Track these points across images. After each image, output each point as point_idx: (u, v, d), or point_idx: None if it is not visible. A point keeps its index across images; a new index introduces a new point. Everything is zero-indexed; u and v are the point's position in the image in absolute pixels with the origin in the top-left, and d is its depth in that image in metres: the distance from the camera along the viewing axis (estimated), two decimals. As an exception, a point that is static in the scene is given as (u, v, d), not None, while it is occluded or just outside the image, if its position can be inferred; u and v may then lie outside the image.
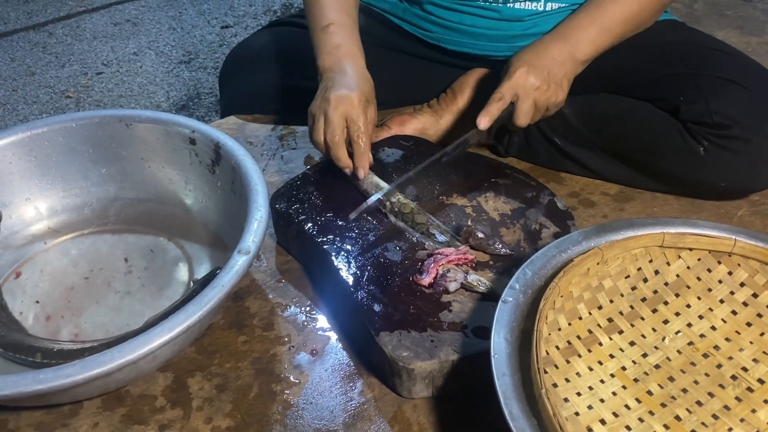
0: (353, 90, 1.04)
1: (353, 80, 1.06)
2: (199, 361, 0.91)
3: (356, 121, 1.03)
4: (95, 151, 1.11)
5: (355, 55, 1.12)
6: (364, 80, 1.08)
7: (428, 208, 1.05)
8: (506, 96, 1.07)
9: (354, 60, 1.11)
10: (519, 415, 0.66)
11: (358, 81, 1.06)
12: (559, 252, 0.86)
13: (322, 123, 1.05)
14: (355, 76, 1.07)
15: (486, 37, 1.26)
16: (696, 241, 0.87)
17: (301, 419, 0.83)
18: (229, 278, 0.81)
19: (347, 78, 1.06)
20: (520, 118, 1.09)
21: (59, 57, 2.78)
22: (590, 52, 1.12)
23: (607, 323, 0.85)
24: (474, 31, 1.26)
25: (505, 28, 1.24)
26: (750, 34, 1.91)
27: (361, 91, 1.05)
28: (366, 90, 1.06)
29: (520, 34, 1.24)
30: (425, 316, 0.87)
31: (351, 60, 1.10)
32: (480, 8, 1.23)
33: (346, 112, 1.03)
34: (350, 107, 1.03)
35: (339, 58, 1.10)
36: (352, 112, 1.03)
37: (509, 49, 1.25)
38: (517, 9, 1.22)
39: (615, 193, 1.21)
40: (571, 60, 1.10)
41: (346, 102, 1.03)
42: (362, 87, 1.06)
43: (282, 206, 1.05)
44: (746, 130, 1.06)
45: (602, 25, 1.11)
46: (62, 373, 0.71)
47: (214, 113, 2.38)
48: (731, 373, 0.81)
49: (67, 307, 0.98)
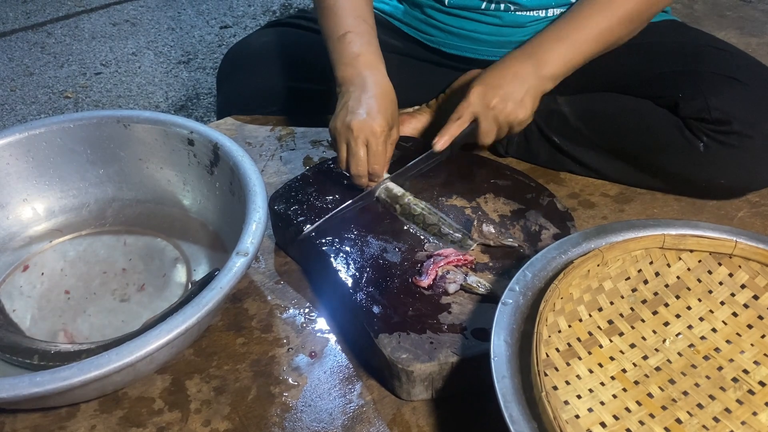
0: (375, 116, 1.01)
1: (375, 101, 1.02)
2: (198, 363, 0.90)
3: (376, 152, 1.02)
4: (93, 152, 1.10)
5: (376, 66, 1.08)
6: (386, 99, 1.04)
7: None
8: (464, 115, 1.08)
9: (375, 71, 1.07)
10: (519, 418, 0.66)
11: (380, 102, 1.02)
12: (559, 254, 0.86)
13: (345, 153, 1.03)
14: (377, 94, 1.03)
15: (487, 42, 1.26)
16: (697, 242, 0.87)
17: (299, 422, 0.83)
18: (228, 280, 0.80)
19: (368, 96, 1.03)
20: (483, 137, 1.10)
21: (58, 57, 2.77)
22: (558, 67, 1.10)
23: (608, 325, 0.84)
24: (475, 36, 1.26)
25: (506, 34, 1.23)
26: (750, 35, 1.91)
27: (384, 117, 1.01)
28: (388, 112, 1.03)
29: (522, 40, 1.23)
30: (424, 318, 0.87)
31: (371, 71, 1.07)
32: (481, 13, 1.23)
33: (367, 141, 1.01)
34: (372, 137, 1.01)
35: (359, 69, 1.07)
36: (374, 143, 1.01)
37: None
38: (519, 15, 1.21)
39: (615, 194, 1.20)
40: (536, 76, 1.09)
41: (367, 131, 1.00)
42: (384, 110, 1.02)
43: (281, 207, 1.05)
44: (745, 126, 1.06)
45: (570, 43, 1.09)
46: (59, 376, 0.70)
47: (212, 114, 2.38)
48: (732, 375, 0.80)
49: (65, 308, 0.98)
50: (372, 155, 1.02)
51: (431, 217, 1.01)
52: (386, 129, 1.02)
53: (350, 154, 1.02)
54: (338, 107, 1.05)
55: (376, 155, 1.02)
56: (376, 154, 1.02)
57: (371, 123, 1.00)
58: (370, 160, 1.02)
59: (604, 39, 1.11)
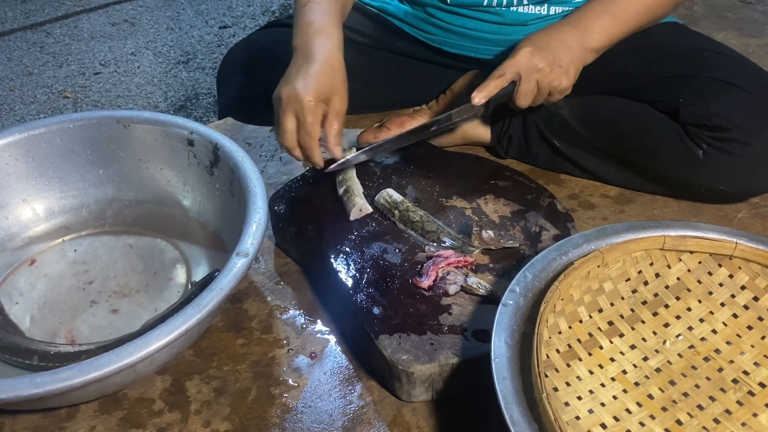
0: (306, 85, 0.97)
1: (313, 68, 0.99)
2: (198, 364, 0.90)
3: (303, 124, 0.99)
4: (93, 153, 1.10)
5: (327, 33, 1.04)
6: (327, 69, 1.00)
7: (428, 210, 1.04)
8: (507, 74, 1.06)
9: (324, 38, 1.03)
10: (520, 420, 0.66)
11: (319, 70, 0.99)
12: (560, 255, 0.86)
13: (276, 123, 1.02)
14: (318, 61, 1.00)
15: (488, 41, 1.25)
16: (697, 243, 0.87)
17: (299, 423, 0.83)
18: (228, 281, 0.80)
19: (309, 66, 1.00)
20: (520, 99, 1.07)
21: (57, 57, 2.77)
22: (602, 40, 1.09)
23: (608, 326, 0.84)
24: (476, 34, 1.26)
25: (507, 33, 1.23)
26: (749, 36, 1.91)
27: (316, 88, 0.98)
28: (325, 82, 0.99)
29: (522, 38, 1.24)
30: (425, 319, 0.87)
31: (320, 38, 1.03)
32: (482, 11, 1.22)
33: (295, 112, 0.99)
34: (298, 108, 0.98)
35: (309, 35, 1.04)
36: (300, 113, 0.98)
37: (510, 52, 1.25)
38: (521, 13, 1.21)
39: (615, 195, 1.20)
40: (580, 46, 1.08)
41: (294, 102, 0.98)
42: (320, 79, 0.99)
43: (281, 208, 1.05)
44: (745, 133, 1.06)
45: (615, 15, 1.09)
46: (59, 377, 0.70)
47: (212, 114, 2.38)
48: (732, 376, 0.80)
49: (65, 309, 0.98)
50: (300, 126, 0.99)
51: (430, 224, 1.01)
52: (315, 99, 0.98)
53: (278, 124, 1.01)
54: (284, 75, 1.04)
55: (303, 126, 0.99)
56: (303, 125, 0.99)
57: (300, 92, 0.97)
58: (299, 131, 1.00)
59: (646, 14, 1.11)
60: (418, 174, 1.12)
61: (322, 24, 1.05)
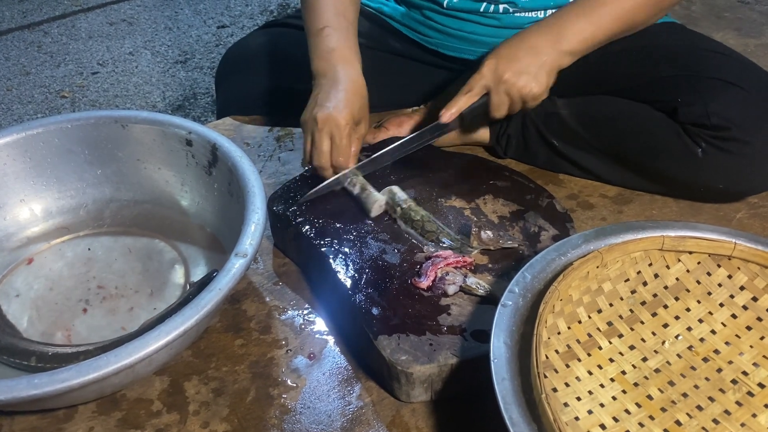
0: (341, 109, 1.03)
1: (343, 94, 1.04)
2: (196, 364, 0.90)
3: (339, 145, 1.04)
4: (91, 153, 1.10)
5: (350, 60, 1.09)
6: (356, 94, 1.06)
7: (426, 210, 1.04)
8: (474, 88, 1.08)
9: (348, 65, 1.08)
10: (519, 420, 0.66)
11: (348, 95, 1.04)
12: (559, 255, 0.86)
13: (309, 145, 1.06)
14: (347, 88, 1.05)
15: (485, 44, 1.25)
16: (696, 244, 0.87)
17: (298, 423, 0.83)
18: (226, 282, 0.80)
19: (338, 90, 1.04)
20: (494, 111, 1.10)
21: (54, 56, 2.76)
22: (577, 43, 1.09)
23: (607, 327, 0.84)
24: (473, 38, 1.26)
25: (504, 36, 1.23)
26: (748, 36, 1.91)
27: (350, 111, 1.03)
28: (356, 106, 1.05)
29: None
30: (424, 320, 0.87)
31: (344, 65, 1.08)
32: (480, 15, 1.22)
33: (331, 133, 1.03)
34: (336, 129, 1.03)
35: (332, 63, 1.08)
36: (337, 135, 1.03)
37: None
38: (518, 17, 1.21)
39: (614, 195, 1.20)
40: (553, 50, 1.08)
41: (332, 123, 1.02)
42: (352, 103, 1.04)
43: (279, 208, 1.05)
44: (744, 132, 1.06)
45: (591, 19, 1.09)
46: (57, 378, 0.70)
47: (210, 113, 2.37)
48: (731, 377, 0.80)
49: (62, 310, 0.98)
50: (335, 148, 1.04)
51: (430, 224, 1.01)
52: (351, 122, 1.03)
53: (314, 146, 1.05)
54: (310, 100, 1.07)
55: (339, 148, 1.04)
56: (339, 147, 1.04)
57: (336, 116, 1.02)
58: (333, 152, 1.04)
59: (626, 19, 1.11)
60: (417, 174, 1.12)
61: (344, 52, 1.10)
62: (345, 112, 1.02)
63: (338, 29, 1.12)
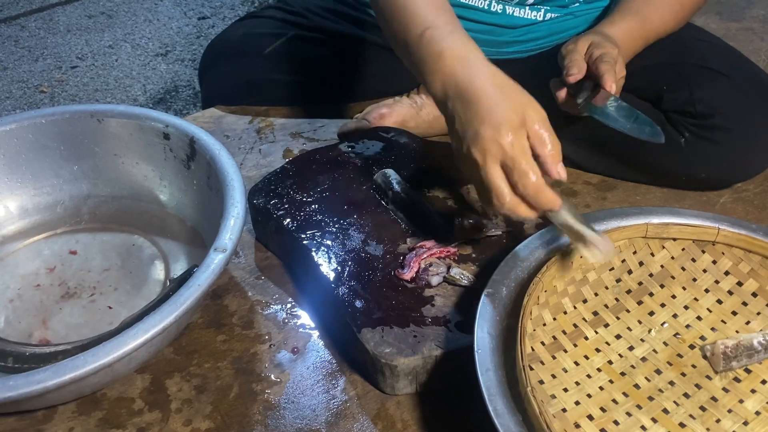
0: (495, 123, 0.75)
1: (481, 100, 0.78)
2: (178, 361, 0.89)
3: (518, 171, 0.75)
4: (66, 148, 1.08)
5: (466, 56, 0.83)
6: (491, 86, 0.79)
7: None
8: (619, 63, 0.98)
9: (465, 63, 0.82)
10: (504, 412, 0.65)
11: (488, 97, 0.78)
12: (542, 243, 0.85)
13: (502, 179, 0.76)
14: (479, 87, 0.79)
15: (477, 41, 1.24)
16: (679, 230, 0.86)
17: (282, 419, 0.82)
18: (206, 277, 0.79)
19: (472, 98, 0.78)
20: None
21: (32, 51, 2.73)
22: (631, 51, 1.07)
23: (593, 317, 0.84)
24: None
25: (498, 34, 1.22)
26: (729, 20, 1.91)
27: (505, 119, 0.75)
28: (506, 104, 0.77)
29: (512, 40, 1.23)
30: (408, 312, 0.86)
31: (462, 65, 0.82)
32: (477, 11, 1.21)
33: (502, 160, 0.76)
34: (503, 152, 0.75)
35: (446, 71, 0.82)
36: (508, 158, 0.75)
37: (497, 53, 1.24)
38: (516, 17, 1.20)
39: (597, 182, 1.20)
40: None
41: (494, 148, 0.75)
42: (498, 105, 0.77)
43: (260, 201, 1.03)
44: (728, 119, 1.06)
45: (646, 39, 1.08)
46: (33, 379, 0.69)
47: (192, 106, 2.35)
48: (718, 363, 0.80)
49: (40, 309, 0.96)
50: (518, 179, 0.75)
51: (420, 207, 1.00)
52: (516, 133, 0.75)
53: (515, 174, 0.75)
54: (452, 142, 0.84)
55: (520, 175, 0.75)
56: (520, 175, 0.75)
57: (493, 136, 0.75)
58: (519, 189, 0.76)
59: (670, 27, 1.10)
60: (400, 164, 1.11)
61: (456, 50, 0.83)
62: (503, 124, 0.75)
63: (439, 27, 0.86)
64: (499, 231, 0.97)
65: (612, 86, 0.92)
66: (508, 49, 1.23)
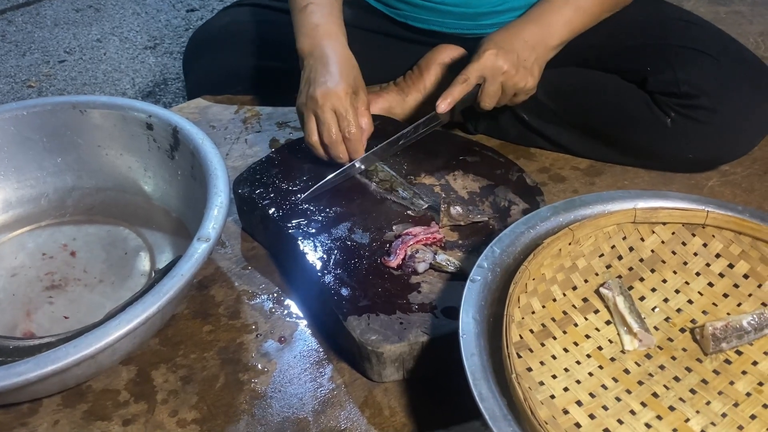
0: (337, 82, 0.99)
1: (335, 67, 1.01)
2: (163, 352, 0.88)
3: (345, 116, 0.99)
4: (49, 140, 1.07)
5: (335, 35, 1.07)
6: (346, 65, 1.03)
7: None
8: (471, 78, 1.05)
9: (333, 40, 1.06)
10: (488, 396, 0.65)
11: (341, 68, 1.02)
12: (528, 228, 0.84)
13: (314, 123, 1.01)
14: (338, 62, 1.02)
15: (453, 14, 1.23)
16: (668, 215, 0.86)
17: (269, 408, 0.81)
18: (189, 267, 0.78)
19: (329, 65, 1.02)
20: (485, 101, 1.07)
21: (19, 45, 2.70)
22: (564, 35, 1.08)
23: (583, 303, 0.83)
24: (442, 8, 1.23)
25: (474, 5, 1.21)
26: (718, 4, 1.90)
27: (346, 81, 1.00)
28: (351, 77, 1.02)
29: (489, 11, 1.21)
30: (394, 299, 0.85)
31: (330, 41, 1.05)
32: None
33: (333, 107, 0.99)
34: (337, 102, 0.99)
35: (318, 40, 1.05)
36: (340, 107, 0.99)
37: (477, 27, 1.23)
38: None
39: (585, 167, 1.19)
40: (543, 45, 1.07)
41: (332, 97, 0.99)
42: (346, 75, 1.01)
43: (245, 191, 1.02)
44: (713, 99, 1.06)
45: (577, 6, 1.08)
46: (14, 371, 0.68)
47: (181, 99, 2.33)
48: (708, 346, 0.80)
49: (24, 302, 0.95)
50: (342, 121, 1.00)
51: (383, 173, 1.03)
52: (350, 92, 1.00)
53: (320, 123, 1.00)
54: (301, 83, 1.04)
55: (346, 120, 0.99)
56: (346, 119, 0.99)
57: (334, 88, 0.98)
58: (341, 126, 1.00)
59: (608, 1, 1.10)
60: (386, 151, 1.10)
61: (329, 27, 1.07)
62: (342, 83, 0.99)
63: (322, 5, 1.09)
64: (485, 217, 0.97)
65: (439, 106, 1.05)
66: (486, 21, 1.22)
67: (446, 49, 1.28)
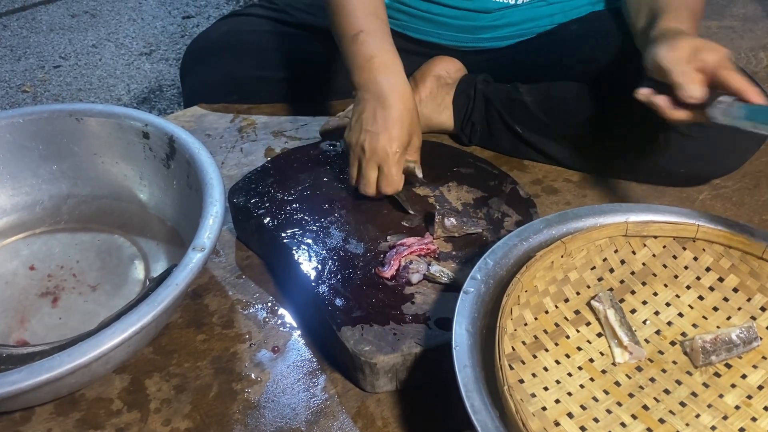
0: (389, 138, 0.95)
1: (392, 112, 0.96)
2: (157, 361, 0.88)
3: (387, 176, 0.97)
4: (45, 147, 1.07)
5: (391, 68, 1.00)
6: (404, 109, 0.97)
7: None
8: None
9: (390, 74, 0.99)
10: (480, 407, 0.65)
11: (397, 113, 0.96)
12: (521, 241, 0.85)
13: (356, 171, 1.00)
14: (393, 104, 0.96)
15: (452, 27, 1.24)
16: (660, 228, 0.86)
17: (262, 418, 0.81)
18: (184, 276, 0.78)
19: (385, 108, 0.96)
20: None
21: (14, 50, 2.71)
22: None
23: (574, 315, 0.84)
24: (440, 20, 1.24)
25: (472, 19, 1.22)
26: (709, 19, 1.91)
27: (399, 137, 0.96)
28: (405, 124, 0.97)
29: (487, 25, 1.23)
30: (388, 309, 0.86)
31: (386, 75, 0.99)
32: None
33: (379, 163, 0.96)
34: (384, 160, 0.96)
35: (373, 74, 0.99)
36: (385, 167, 0.96)
37: (475, 40, 1.24)
38: (489, 1, 1.20)
39: (578, 179, 1.20)
40: None
41: (380, 153, 0.95)
42: (400, 124, 0.96)
43: (240, 200, 1.03)
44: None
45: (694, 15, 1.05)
46: (7, 380, 0.68)
47: (176, 105, 2.34)
48: (698, 359, 0.80)
49: (18, 309, 0.95)
50: (383, 178, 0.97)
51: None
52: (401, 150, 0.97)
53: (360, 175, 0.99)
54: (353, 116, 1.00)
55: (387, 179, 0.97)
56: (387, 178, 0.97)
57: (385, 145, 0.95)
58: (380, 183, 0.98)
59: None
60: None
61: (384, 58, 1.01)
62: (395, 140, 0.95)
63: (374, 33, 1.03)
64: (479, 228, 0.97)
65: (761, 98, 0.85)
66: (484, 35, 1.23)
67: (442, 61, 1.28)
